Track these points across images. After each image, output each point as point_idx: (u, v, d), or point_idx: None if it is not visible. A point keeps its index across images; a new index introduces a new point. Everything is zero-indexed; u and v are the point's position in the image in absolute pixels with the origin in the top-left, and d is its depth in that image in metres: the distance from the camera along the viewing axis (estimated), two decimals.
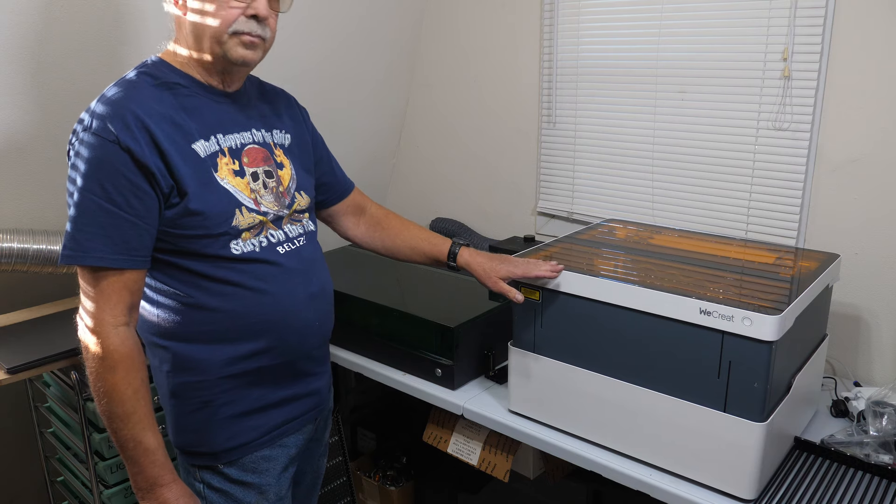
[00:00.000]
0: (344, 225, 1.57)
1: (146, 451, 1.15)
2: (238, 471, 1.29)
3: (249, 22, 1.19)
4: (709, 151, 1.85)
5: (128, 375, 1.13)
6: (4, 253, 1.65)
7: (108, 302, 1.13)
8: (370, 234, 1.57)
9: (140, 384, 1.15)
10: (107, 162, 1.10)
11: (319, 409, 1.42)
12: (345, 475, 2.24)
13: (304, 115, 1.47)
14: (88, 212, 1.10)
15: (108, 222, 1.11)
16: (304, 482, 1.50)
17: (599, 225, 1.76)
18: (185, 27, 1.21)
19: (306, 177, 1.39)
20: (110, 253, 1.11)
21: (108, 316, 1.13)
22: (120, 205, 1.11)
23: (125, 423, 1.13)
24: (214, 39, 1.19)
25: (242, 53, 1.20)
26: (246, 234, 1.23)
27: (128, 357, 1.13)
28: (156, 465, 1.16)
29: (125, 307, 1.14)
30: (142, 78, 1.19)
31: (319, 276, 1.35)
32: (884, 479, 1.28)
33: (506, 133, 2.32)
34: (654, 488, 1.28)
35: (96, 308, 1.13)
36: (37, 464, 1.96)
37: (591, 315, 1.34)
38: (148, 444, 1.15)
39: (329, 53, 2.24)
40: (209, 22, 1.18)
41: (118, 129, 1.10)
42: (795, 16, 1.64)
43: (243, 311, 1.23)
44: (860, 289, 1.65)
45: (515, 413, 1.51)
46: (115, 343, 1.12)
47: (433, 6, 2.42)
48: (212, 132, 1.22)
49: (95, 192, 1.10)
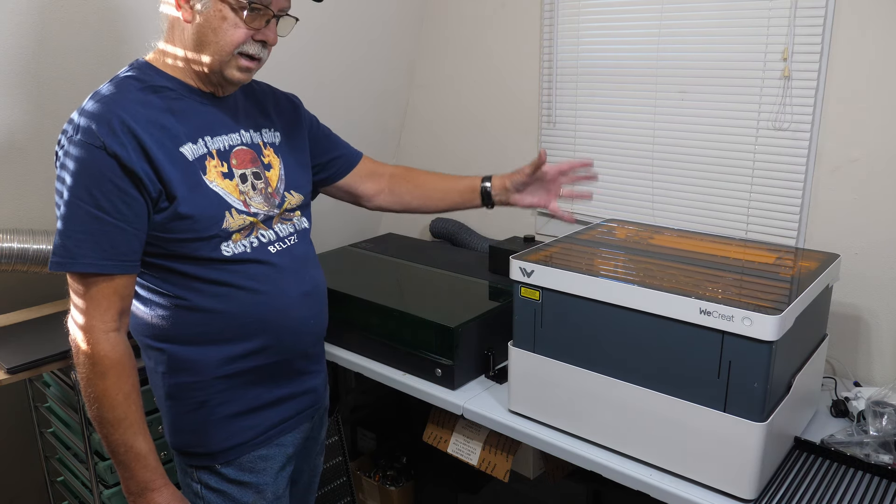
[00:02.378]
0: (365, 193, 1.58)
1: (137, 455, 1.15)
2: (235, 470, 1.29)
3: (256, 45, 1.20)
4: (709, 151, 1.85)
5: (118, 380, 1.13)
6: (4, 253, 1.65)
7: (98, 308, 1.12)
8: (395, 193, 1.59)
9: (131, 389, 1.15)
10: (94, 168, 1.09)
11: (316, 408, 1.42)
12: (345, 475, 2.24)
13: (293, 103, 1.46)
14: (77, 218, 1.10)
15: (96, 228, 1.10)
16: (302, 481, 1.50)
17: (599, 225, 1.76)
18: (186, 31, 1.19)
19: (300, 173, 1.39)
20: (99, 259, 1.11)
21: (98, 322, 1.12)
22: (108, 210, 1.10)
23: (116, 428, 1.14)
24: (218, 55, 1.18)
25: (239, 77, 1.21)
26: (237, 236, 1.22)
27: (118, 363, 1.13)
28: (147, 469, 1.16)
29: (115, 312, 1.14)
30: (127, 82, 1.18)
31: (312, 274, 1.35)
32: (884, 479, 1.28)
33: (506, 133, 2.32)
34: (654, 488, 1.28)
35: (86, 314, 1.12)
36: (37, 464, 1.96)
37: (591, 315, 1.34)
38: (139, 449, 1.15)
39: (328, 53, 2.24)
40: (219, 38, 1.17)
41: (104, 134, 1.09)
42: (795, 16, 1.64)
43: (237, 311, 1.23)
44: (860, 289, 1.65)
45: (515, 413, 1.51)
46: (105, 349, 1.12)
47: (433, 6, 2.42)
48: (199, 135, 1.21)
49: (83, 198, 1.09)
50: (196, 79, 1.24)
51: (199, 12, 1.16)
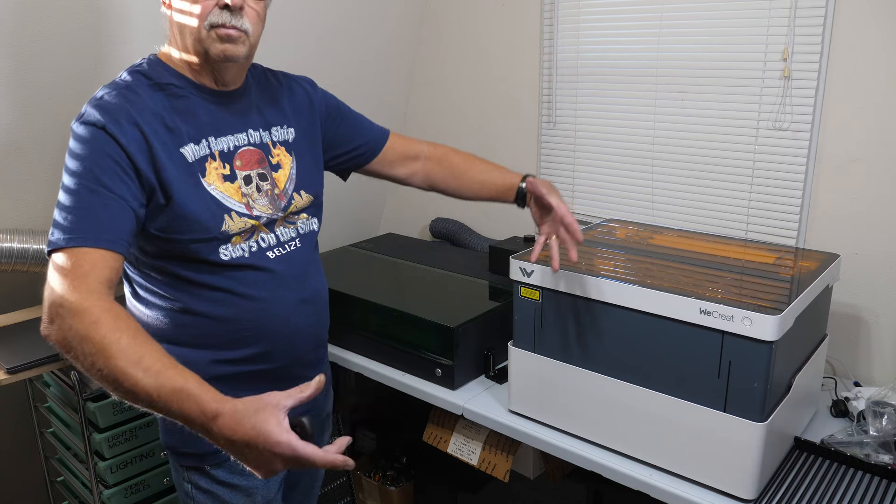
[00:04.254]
0: (397, 176, 1.55)
1: (174, 392, 0.93)
2: (225, 472, 1.27)
3: (223, 13, 1.15)
4: (709, 151, 1.85)
5: (116, 322, 0.97)
6: (4, 253, 1.65)
7: (86, 280, 1.01)
8: (430, 178, 1.55)
9: (136, 329, 0.98)
10: (96, 146, 1.08)
11: (314, 414, 1.39)
12: (345, 475, 2.24)
13: (307, 92, 1.41)
14: (77, 195, 1.07)
15: (96, 202, 1.06)
16: (302, 485, 1.48)
17: (599, 225, 1.76)
18: (174, 27, 1.19)
19: (313, 171, 1.36)
20: (98, 233, 1.05)
21: (82, 286, 1.00)
22: (108, 186, 1.07)
23: (135, 373, 0.93)
24: (194, 37, 1.17)
25: (221, 48, 1.16)
26: (236, 239, 1.20)
27: (109, 310, 0.98)
28: (191, 399, 0.94)
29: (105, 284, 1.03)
30: (136, 78, 1.18)
31: (312, 280, 1.33)
32: (884, 479, 1.28)
33: (506, 133, 2.32)
34: (654, 488, 1.28)
35: (71, 284, 1.00)
36: (37, 464, 1.96)
37: (591, 315, 1.34)
38: (176, 384, 0.94)
39: (329, 53, 2.24)
40: (188, 20, 1.16)
41: (108, 121, 1.09)
42: (795, 16, 1.64)
43: (232, 317, 1.21)
44: (860, 289, 1.65)
45: (515, 413, 1.51)
46: (91, 300, 0.99)
47: (434, 6, 2.42)
48: (203, 135, 1.20)
49: (84, 175, 1.07)
50: (197, 74, 1.22)
51: (174, 5, 1.17)
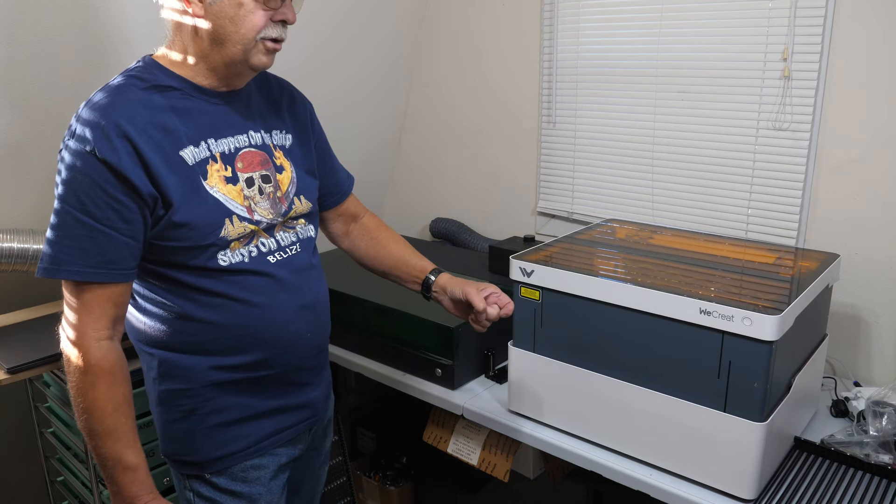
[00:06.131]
0: (332, 230, 1.51)
1: (126, 468, 1.12)
2: (227, 480, 1.26)
3: (277, 26, 1.16)
4: (709, 151, 1.85)
5: (109, 390, 1.10)
6: (4, 253, 1.65)
7: (91, 315, 1.09)
8: (355, 244, 1.50)
9: (122, 400, 1.12)
10: (83, 173, 1.06)
11: (315, 419, 1.36)
12: (345, 475, 2.24)
13: (309, 110, 1.40)
14: (65, 224, 1.07)
15: (83, 234, 1.07)
16: (304, 490, 1.46)
17: (599, 225, 1.76)
18: (199, 31, 1.14)
19: (308, 179, 1.34)
20: (85, 266, 1.07)
21: (91, 329, 1.09)
22: (97, 217, 1.07)
23: (105, 440, 1.11)
24: (241, 44, 1.14)
25: (264, 61, 1.17)
26: (235, 244, 1.18)
27: (109, 372, 1.10)
28: (135, 483, 1.13)
29: (109, 320, 1.11)
30: (130, 81, 1.15)
31: (312, 285, 1.30)
32: (884, 479, 1.28)
33: (506, 133, 2.32)
34: (654, 488, 1.28)
35: (78, 321, 1.09)
36: (37, 464, 1.96)
37: (591, 315, 1.34)
38: (128, 462, 1.12)
39: (329, 53, 2.24)
40: (237, 27, 1.13)
41: (96, 139, 1.06)
42: (795, 16, 1.64)
43: (231, 323, 1.19)
44: (860, 289, 1.65)
45: (515, 413, 1.51)
46: (96, 357, 1.09)
47: (434, 6, 2.42)
48: (203, 137, 1.17)
49: (72, 203, 1.07)
50: (211, 76, 1.19)
51: (210, 5, 1.12)
